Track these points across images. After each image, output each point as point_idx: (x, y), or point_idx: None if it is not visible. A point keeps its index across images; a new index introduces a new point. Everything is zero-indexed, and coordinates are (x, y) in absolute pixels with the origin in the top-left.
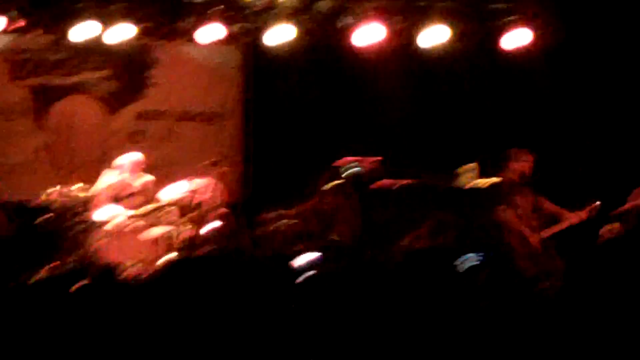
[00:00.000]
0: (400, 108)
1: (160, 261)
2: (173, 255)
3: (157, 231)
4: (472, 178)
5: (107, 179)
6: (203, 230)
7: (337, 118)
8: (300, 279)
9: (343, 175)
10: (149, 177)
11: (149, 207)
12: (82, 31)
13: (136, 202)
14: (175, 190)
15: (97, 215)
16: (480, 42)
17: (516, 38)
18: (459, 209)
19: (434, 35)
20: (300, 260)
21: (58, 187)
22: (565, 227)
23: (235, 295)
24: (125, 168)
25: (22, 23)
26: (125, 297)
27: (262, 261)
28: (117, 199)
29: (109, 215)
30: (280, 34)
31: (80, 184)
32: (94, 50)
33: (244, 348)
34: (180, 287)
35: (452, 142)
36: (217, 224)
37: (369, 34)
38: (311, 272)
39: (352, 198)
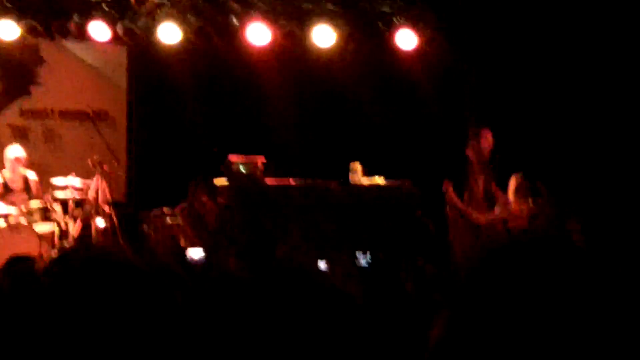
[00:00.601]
0: (284, 110)
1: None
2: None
3: (41, 228)
4: (359, 176)
5: None
6: (86, 228)
7: (222, 120)
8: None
9: (229, 173)
10: (32, 175)
11: (33, 204)
12: None
13: (19, 199)
14: (59, 188)
15: None
16: (365, 44)
17: (401, 41)
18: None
19: (320, 38)
20: (193, 254)
21: None
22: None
23: (123, 294)
24: (7, 164)
25: None
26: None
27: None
28: (1, 195)
29: None
30: (166, 35)
31: None
32: None
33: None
34: (67, 285)
35: (337, 145)
36: (101, 222)
37: (255, 36)
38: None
39: (224, 199)
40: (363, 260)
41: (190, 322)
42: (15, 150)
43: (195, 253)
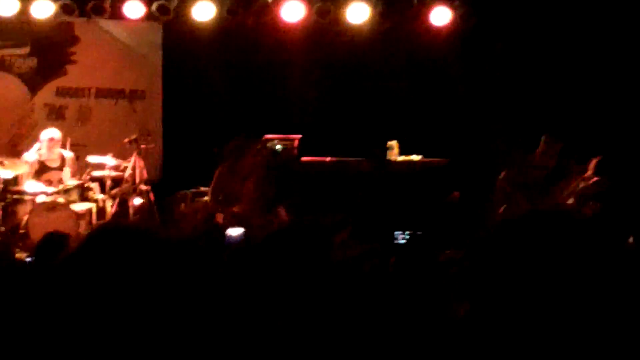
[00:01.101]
0: (319, 88)
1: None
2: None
3: (78, 207)
4: (395, 154)
5: (28, 155)
6: (123, 207)
7: (255, 97)
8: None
9: (266, 150)
10: (69, 154)
11: (70, 183)
12: (1, 8)
13: (56, 178)
14: (96, 167)
15: (22, 190)
16: (399, 21)
17: (435, 17)
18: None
19: (354, 14)
20: (232, 233)
21: None
22: None
23: (161, 271)
24: (44, 144)
25: None
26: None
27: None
28: (38, 175)
29: (32, 190)
30: (200, 12)
31: (2, 159)
32: (14, 27)
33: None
34: (99, 258)
35: (371, 124)
36: (138, 201)
37: (288, 13)
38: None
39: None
40: (401, 238)
41: (220, 295)
42: (49, 132)
43: (234, 232)
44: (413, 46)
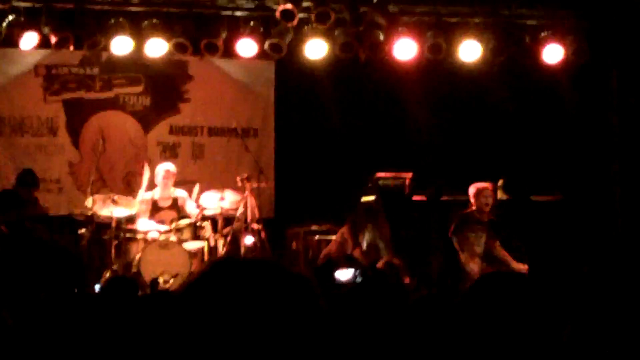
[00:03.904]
0: (430, 125)
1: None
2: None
3: (191, 246)
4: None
5: (142, 193)
6: (235, 245)
7: (367, 135)
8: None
9: (379, 189)
10: (182, 192)
11: (183, 222)
12: (116, 46)
13: (169, 217)
14: (208, 205)
15: (135, 228)
16: (511, 58)
17: (548, 55)
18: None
19: (466, 52)
20: (342, 275)
21: (97, 201)
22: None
23: (274, 306)
24: (158, 179)
25: (54, 39)
26: (170, 308)
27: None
28: (151, 215)
29: (145, 228)
30: (312, 51)
31: (116, 197)
32: (128, 65)
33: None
34: (219, 294)
35: (481, 160)
36: (250, 239)
37: (401, 50)
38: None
39: (381, 213)
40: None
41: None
42: (165, 165)
43: (344, 274)
44: (525, 81)
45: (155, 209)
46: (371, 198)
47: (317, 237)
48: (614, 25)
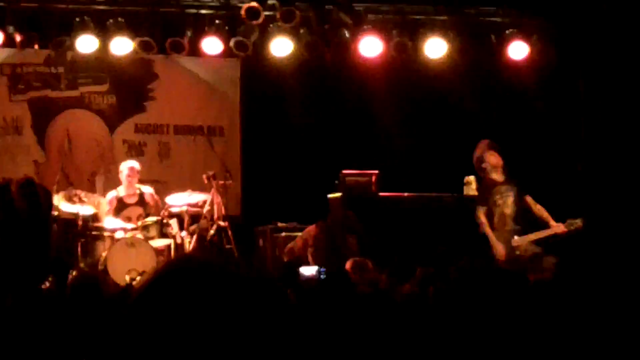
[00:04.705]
0: (396, 122)
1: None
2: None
3: (157, 243)
4: (473, 190)
5: (108, 192)
6: (201, 243)
7: (333, 133)
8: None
9: (345, 186)
10: (148, 189)
11: (149, 219)
12: (81, 45)
13: (135, 215)
14: (174, 203)
15: (102, 226)
16: (477, 56)
17: (513, 51)
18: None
19: (432, 49)
20: (306, 271)
21: (63, 200)
22: (548, 235)
23: (240, 305)
24: (122, 177)
25: (19, 38)
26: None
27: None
28: (117, 212)
29: (112, 226)
30: (278, 49)
31: (83, 195)
32: (93, 64)
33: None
34: (173, 299)
35: (447, 158)
36: (215, 237)
37: (366, 48)
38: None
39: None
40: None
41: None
42: (129, 163)
43: (307, 270)
44: (489, 78)
45: (121, 206)
46: (337, 195)
47: (283, 234)
48: (580, 29)
